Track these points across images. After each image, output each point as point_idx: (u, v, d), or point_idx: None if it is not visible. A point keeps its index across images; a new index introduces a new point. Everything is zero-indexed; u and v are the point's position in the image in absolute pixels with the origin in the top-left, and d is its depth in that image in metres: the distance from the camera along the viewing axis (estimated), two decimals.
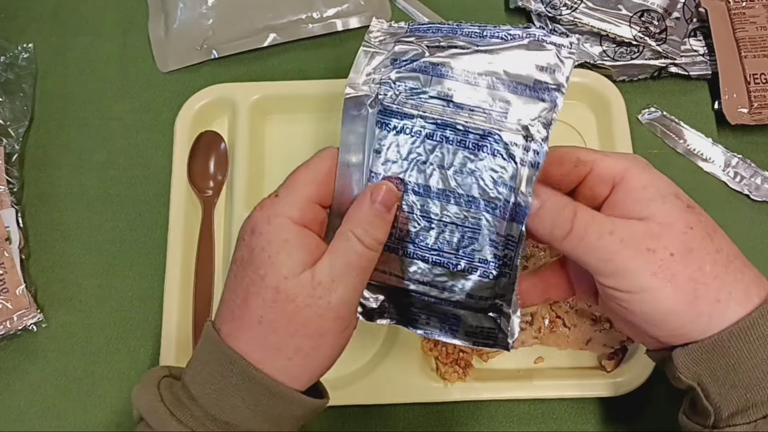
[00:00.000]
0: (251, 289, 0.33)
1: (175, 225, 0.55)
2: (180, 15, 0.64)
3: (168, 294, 0.53)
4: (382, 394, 0.51)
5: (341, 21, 0.64)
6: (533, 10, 0.61)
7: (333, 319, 0.33)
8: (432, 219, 0.35)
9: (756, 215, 0.58)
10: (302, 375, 0.34)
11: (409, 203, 0.35)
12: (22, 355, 0.55)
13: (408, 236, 0.35)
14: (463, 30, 0.35)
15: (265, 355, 0.33)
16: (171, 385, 0.35)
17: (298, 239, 0.33)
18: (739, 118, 0.58)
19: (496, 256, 0.34)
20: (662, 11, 0.59)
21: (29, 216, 0.59)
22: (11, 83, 0.62)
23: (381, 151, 0.35)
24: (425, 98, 0.34)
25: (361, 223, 0.33)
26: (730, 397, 0.33)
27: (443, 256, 0.35)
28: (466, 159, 0.34)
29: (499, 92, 0.34)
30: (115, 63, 0.64)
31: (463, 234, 0.34)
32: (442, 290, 0.36)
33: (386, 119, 0.34)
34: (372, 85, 0.35)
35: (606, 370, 0.51)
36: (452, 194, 0.34)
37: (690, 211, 0.34)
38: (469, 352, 0.51)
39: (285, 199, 0.34)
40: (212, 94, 0.59)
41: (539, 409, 0.52)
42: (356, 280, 0.33)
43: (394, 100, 0.35)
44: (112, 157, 0.61)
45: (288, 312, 0.32)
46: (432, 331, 0.36)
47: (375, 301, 0.37)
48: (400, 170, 0.34)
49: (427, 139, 0.34)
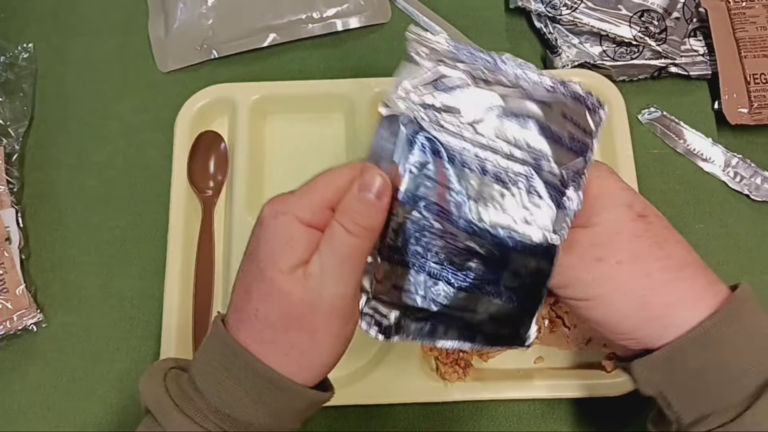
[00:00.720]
0: (251, 281, 0.33)
1: (175, 225, 0.55)
2: (180, 15, 0.64)
3: (168, 294, 0.53)
4: (382, 394, 0.51)
5: (341, 21, 0.64)
6: (533, 10, 0.61)
7: (327, 313, 0.33)
8: (459, 247, 0.35)
9: (756, 215, 0.58)
10: (300, 372, 0.33)
11: (438, 227, 0.34)
12: (22, 355, 0.55)
13: (435, 258, 0.35)
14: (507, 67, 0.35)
15: (262, 349, 0.33)
16: (177, 377, 0.35)
17: (302, 237, 0.33)
18: (739, 118, 0.58)
19: (522, 286, 0.34)
20: (662, 11, 0.59)
21: (29, 216, 0.59)
22: (11, 83, 0.62)
23: (413, 171, 0.34)
24: (467, 127, 0.34)
25: (347, 212, 0.33)
26: (690, 406, 0.34)
27: (468, 281, 0.35)
28: (500, 194, 0.34)
29: (539, 137, 0.34)
30: (115, 63, 0.64)
31: (490, 264, 0.35)
32: (465, 311, 0.35)
33: (423, 140, 0.34)
34: (411, 104, 0.35)
35: (606, 370, 0.51)
36: (482, 226, 0.34)
37: (640, 219, 0.34)
38: (469, 352, 0.51)
39: (299, 198, 0.34)
40: (212, 94, 0.59)
41: (539, 409, 0.52)
42: (347, 270, 0.33)
43: (434, 122, 0.34)
44: (112, 157, 0.61)
45: (282, 306, 0.32)
46: (450, 340, 0.36)
47: (392, 318, 0.36)
48: (432, 192, 0.34)
49: (463, 167, 0.34)
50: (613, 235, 0.34)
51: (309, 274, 0.32)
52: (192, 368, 0.35)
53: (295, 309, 0.32)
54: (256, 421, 0.33)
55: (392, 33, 0.65)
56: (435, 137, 0.34)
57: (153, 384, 0.34)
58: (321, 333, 0.33)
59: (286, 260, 0.32)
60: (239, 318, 0.34)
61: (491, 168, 0.34)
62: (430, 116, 0.34)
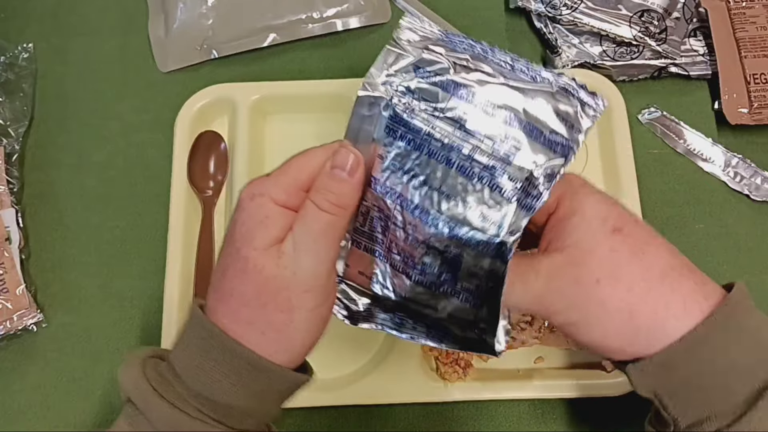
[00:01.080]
0: (228, 261, 0.33)
1: (175, 225, 0.55)
2: (180, 15, 0.64)
3: (168, 294, 0.53)
4: (382, 394, 0.51)
5: (341, 21, 0.64)
6: (533, 10, 0.61)
7: (302, 291, 0.33)
8: (418, 239, 0.34)
9: (756, 215, 0.58)
10: (278, 352, 0.33)
11: (401, 218, 0.34)
12: (22, 355, 0.55)
13: (396, 249, 0.35)
14: (495, 56, 0.34)
15: (239, 329, 0.33)
16: (156, 365, 0.34)
17: (277, 217, 0.33)
18: (739, 118, 0.58)
19: (478, 287, 0.34)
20: (662, 11, 0.59)
21: (29, 216, 0.59)
22: (11, 83, 0.62)
23: (385, 157, 0.34)
24: (438, 115, 0.34)
25: (320, 190, 0.33)
26: (685, 410, 0.33)
27: (425, 276, 0.34)
28: (462, 187, 0.33)
29: (514, 130, 0.33)
30: (115, 63, 0.64)
31: (445, 260, 0.34)
32: (425, 307, 0.35)
33: (396, 126, 0.34)
34: (389, 88, 0.34)
35: (606, 370, 0.51)
36: (440, 220, 0.33)
37: (616, 233, 0.33)
38: (469, 352, 0.52)
39: (275, 180, 0.34)
40: (212, 94, 0.59)
41: (539, 409, 0.52)
42: (320, 247, 0.33)
43: (408, 109, 0.34)
44: (112, 157, 0.61)
45: (257, 284, 0.32)
46: (418, 336, 0.35)
47: (361, 304, 0.36)
48: (398, 182, 0.34)
49: (430, 157, 0.33)
50: (587, 253, 0.33)
51: (283, 251, 0.32)
52: (171, 354, 0.35)
53: (270, 286, 0.32)
54: (236, 404, 0.33)
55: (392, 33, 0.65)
56: (407, 123, 0.34)
57: (132, 372, 0.34)
58: (297, 311, 0.33)
59: (261, 239, 0.32)
60: (216, 298, 0.34)
61: (457, 159, 0.33)
62: (406, 101, 0.34)
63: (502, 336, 0.34)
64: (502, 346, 0.34)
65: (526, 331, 0.52)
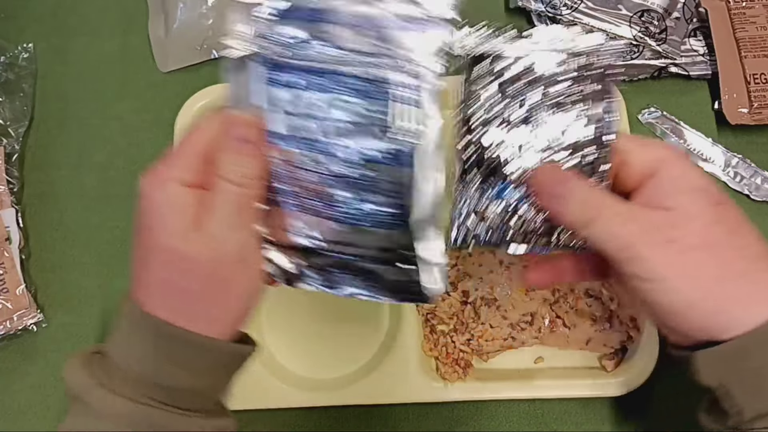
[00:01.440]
0: (149, 252, 0.33)
1: None
2: (180, 15, 0.64)
3: None
4: (382, 394, 0.51)
5: None
6: (533, 9, 0.61)
7: (234, 264, 0.33)
8: (324, 174, 0.34)
9: (756, 215, 0.58)
10: (219, 329, 0.33)
11: (309, 161, 0.34)
12: (22, 355, 0.55)
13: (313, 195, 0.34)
14: None
15: (170, 313, 0.33)
16: (100, 360, 0.34)
17: (189, 199, 0.33)
18: (739, 118, 0.58)
19: (390, 204, 0.33)
20: (662, 11, 0.59)
21: (29, 216, 0.59)
22: (11, 83, 0.62)
23: (272, 108, 0.33)
24: (311, 46, 0.33)
25: (225, 164, 0.33)
26: (753, 401, 0.32)
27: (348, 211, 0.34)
28: (354, 107, 0.33)
29: (388, 31, 0.32)
30: (115, 63, 0.64)
31: (356, 185, 0.33)
32: (352, 245, 0.35)
33: (273, 75, 0.33)
34: (250, 40, 0.34)
35: (606, 370, 0.51)
36: (339, 146, 0.33)
37: (718, 206, 0.33)
38: (469, 352, 0.52)
39: (175, 162, 0.33)
40: (212, 94, 0.59)
41: (539, 409, 0.52)
42: (243, 220, 0.33)
43: (278, 53, 0.33)
44: (112, 157, 0.61)
45: (184, 268, 0.32)
46: (357, 292, 0.35)
47: (295, 267, 0.36)
48: (296, 125, 0.33)
49: (316, 91, 0.33)
50: (689, 218, 0.32)
51: (206, 232, 0.32)
52: (108, 348, 0.34)
53: (203, 269, 0.32)
54: (180, 384, 0.33)
55: None
56: (287, 65, 0.33)
57: (75, 370, 0.34)
58: (234, 286, 0.33)
59: (181, 225, 0.32)
60: (144, 288, 0.34)
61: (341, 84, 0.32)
62: (276, 44, 0.33)
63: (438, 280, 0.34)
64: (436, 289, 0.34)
65: (526, 331, 0.52)
